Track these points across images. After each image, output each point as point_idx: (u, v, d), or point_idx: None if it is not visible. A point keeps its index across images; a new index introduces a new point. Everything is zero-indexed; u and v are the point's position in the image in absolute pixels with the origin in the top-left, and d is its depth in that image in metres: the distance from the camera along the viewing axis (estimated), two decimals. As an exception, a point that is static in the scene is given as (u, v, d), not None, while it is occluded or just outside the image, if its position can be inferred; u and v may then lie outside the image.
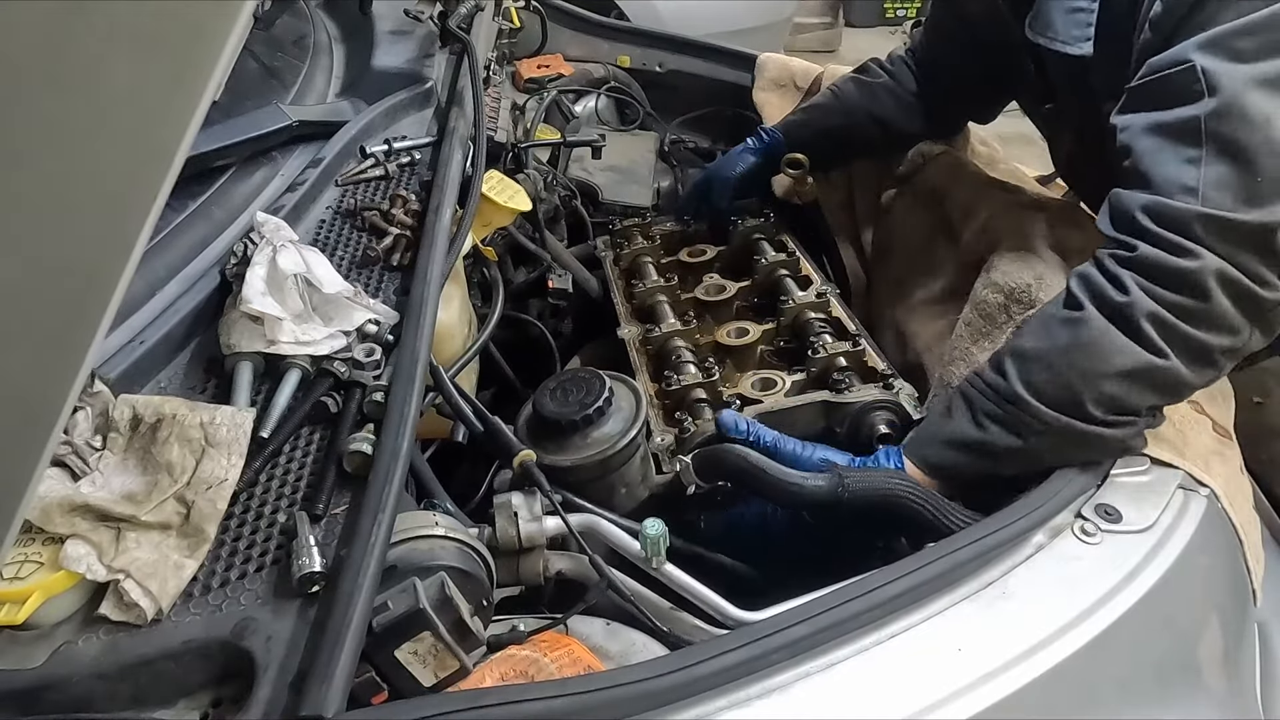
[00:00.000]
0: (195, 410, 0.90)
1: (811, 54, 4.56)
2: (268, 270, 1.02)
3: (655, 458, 1.19)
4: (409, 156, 1.41)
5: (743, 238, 1.65)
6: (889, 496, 1.03)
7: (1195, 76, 0.97)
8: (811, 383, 1.31)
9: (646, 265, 1.63)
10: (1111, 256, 1.01)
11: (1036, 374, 1.00)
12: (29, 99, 0.53)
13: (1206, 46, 0.97)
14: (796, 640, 0.82)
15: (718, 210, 1.71)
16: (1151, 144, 1.01)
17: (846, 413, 1.23)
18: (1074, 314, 1.00)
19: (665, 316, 1.46)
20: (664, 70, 2.24)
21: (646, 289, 1.53)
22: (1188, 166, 0.97)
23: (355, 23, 1.81)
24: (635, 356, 1.41)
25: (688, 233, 1.75)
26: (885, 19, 6.34)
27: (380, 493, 0.84)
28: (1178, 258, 0.95)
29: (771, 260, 1.55)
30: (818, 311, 1.42)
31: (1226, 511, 1.11)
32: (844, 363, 1.30)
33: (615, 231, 1.76)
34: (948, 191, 1.59)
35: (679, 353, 1.37)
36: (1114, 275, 0.99)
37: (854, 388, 1.25)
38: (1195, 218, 0.95)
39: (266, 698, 0.71)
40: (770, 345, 1.43)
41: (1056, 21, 1.19)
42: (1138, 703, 0.92)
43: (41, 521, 0.79)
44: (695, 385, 1.27)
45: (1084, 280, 1.02)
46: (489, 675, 0.83)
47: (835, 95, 1.70)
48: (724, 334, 1.43)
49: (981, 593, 0.91)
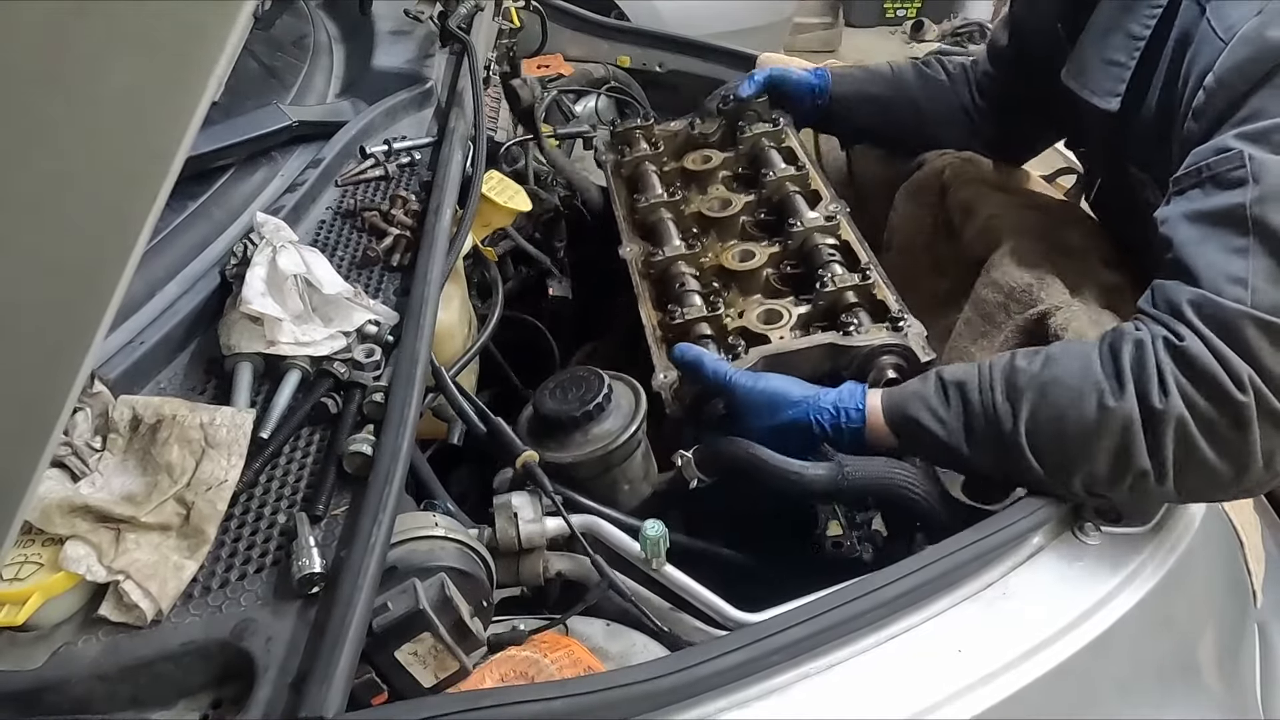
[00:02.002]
0: (195, 411, 0.90)
1: (811, 54, 4.55)
2: (268, 271, 1.02)
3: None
4: (409, 157, 1.40)
5: (750, 144, 1.57)
6: (888, 486, 1.03)
7: (1239, 162, 0.93)
8: (818, 315, 1.24)
9: (650, 175, 1.54)
10: (1164, 341, 0.93)
11: (1044, 431, 0.95)
12: (29, 99, 0.53)
13: (1251, 137, 0.95)
14: (796, 641, 0.82)
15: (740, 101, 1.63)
16: (1194, 233, 0.96)
17: (854, 356, 1.17)
18: (1110, 400, 0.92)
19: (669, 237, 1.38)
20: (664, 70, 2.24)
21: (649, 204, 1.45)
22: (1234, 256, 0.92)
23: (355, 23, 1.81)
24: (637, 281, 1.35)
25: (693, 135, 1.65)
26: (885, 19, 6.33)
27: (380, 493, 0.84)
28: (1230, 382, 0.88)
29: (780, 174, 1.46)
30: (827, 235, 1.34)
31: (1227, 512, 1.11)
32: (853, 298, 1.23)
33: (617, 134, 1.67)
34: (949, 190, 1.59)
35: (683, 280, 1.30)
36: (1161, 369, 0.91)
37: (862, 327, 1.19)
38: (1248, 320, 0.89)
39: (266, 698, 0.71)
40: (776, 269, 1.35)
41: (1090, 69, 1.18)
42: (1138, 703, 0.92)
43: (41, 522, 0.78)
44: (700, 319, 1.22)
45: (1138, 355, 0.93)
46: (489, 676, 0.83)
47: (891, 70, 1.67)
48: (729, 257, 1.36)
49: (982, 593, 0.91)
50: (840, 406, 1.06)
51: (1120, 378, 0.93)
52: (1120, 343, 0.95)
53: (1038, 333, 1.24)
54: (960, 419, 1.00)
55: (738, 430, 1.10)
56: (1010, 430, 0.96)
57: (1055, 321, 1.22)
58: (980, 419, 0.98)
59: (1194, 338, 0.91)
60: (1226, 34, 1.00)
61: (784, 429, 1.08)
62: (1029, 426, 0.95)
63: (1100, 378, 0.94)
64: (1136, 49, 1.14)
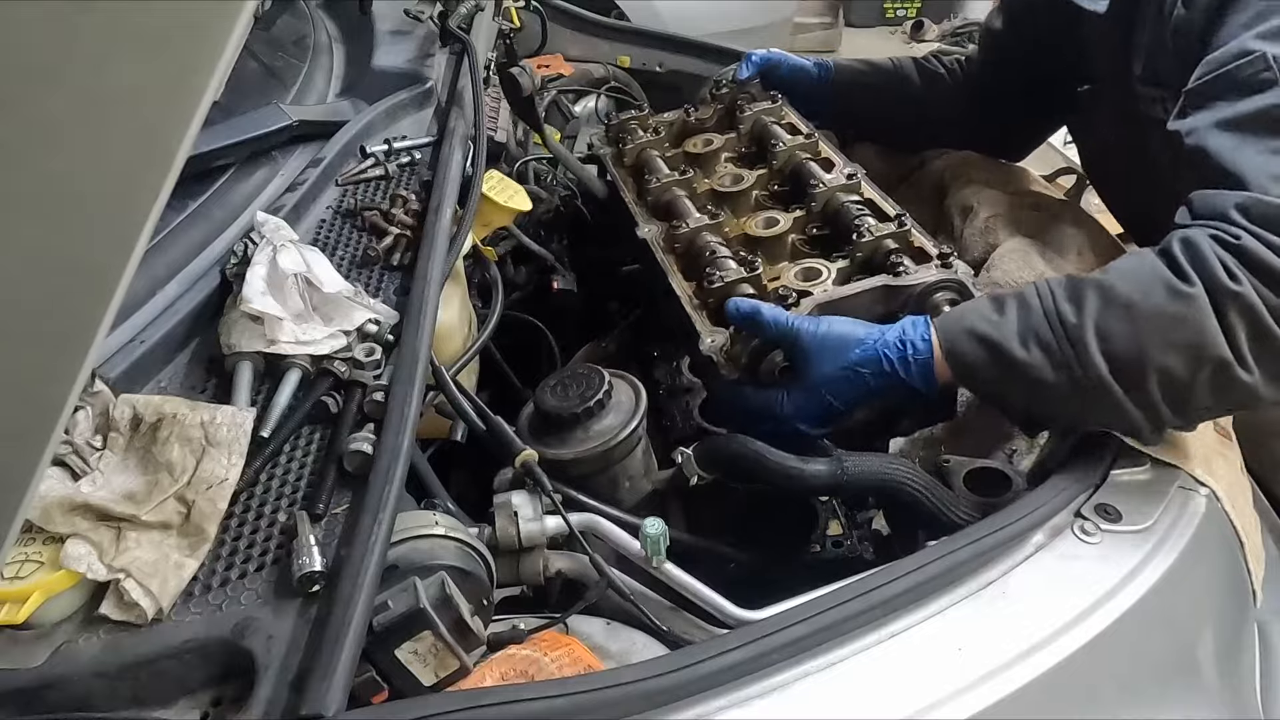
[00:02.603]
0: (195, 410, 0.90)
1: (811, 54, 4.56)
2: (268, 270, 1.03)
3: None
4: (409, 156, 1.41)
5: (751, 122, 1.55)
6: (888, 481, 1.02)
7: (1264, 65, 0.93)
8: (857, 268, 1.22)
9: (655, 159, 1.52)
10: (1213, 238, 0.92)
11: (1115, 322, 0.92)
12: (30, 98, 0.53)
13: (1268, 36, 0.94)
14: (797, 640, 0.82)
15: (739, 84, 1.63)
16: (1228, 140, 0.96)
17: (908, 295, 1.15)
18: (1182, 286, 0.91)
19: (688, 212, 1.36)
20: (664, 70, 2.25)
21: (661, 184, 1.42)
22: (1275, 157, 0.92)
23: (355, 23, 1.81)
24: (661, 257, 1.32)
25: (690, 123, 1.64)
26: (885, 19, 6.34)
27: (380, 492, 0.84)
28: None
29: (790, 144, 1.44)
30: (850, 194, 1.32)
31: (1227, 512, 1.11)
32: (892, 244, 1.21)
33: (612, 127, 1.65)
34: (948, 189, 1.59)
35: (712, 248, 1.27)
36: (1223, 261, 0.90)
37: (911, 269, 1.17)
38: None
39: (267, 697, 0.72)
40: (801, 234, 1.33)
41: None
42: (1137, 703, 0.92)
43: (42, 521, 0.79)
44: (740, 280, 1.18)
45: (1192, 252, 0.92)
46: (489, 675, 0.83)
47: (894, 64, 1.67)
48: (752, 225, 1.33)
49: (981, 592, 0.91)
50: (905, 339, 1.03)
51: (1182, 270, 0.92)
52: (1170, 245, 0.94)
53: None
54: (1016, 324, 0.98)
55: (801, 379, 1.07)
56: (1075, 324, 0.94)
57: (1055, 321, 1.22)
58: (1041, 320, 0.96)
59: (1249, 237, 0.90)
60: None
61: (853, 369, 1.05)
62: (1099, 320, 0.93)
63: (1164, 271, 0.93)
64: None
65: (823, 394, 1.06)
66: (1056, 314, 0.96)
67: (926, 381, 1.03)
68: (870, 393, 1.05)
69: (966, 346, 1.00)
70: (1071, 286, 0.97)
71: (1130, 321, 0.92)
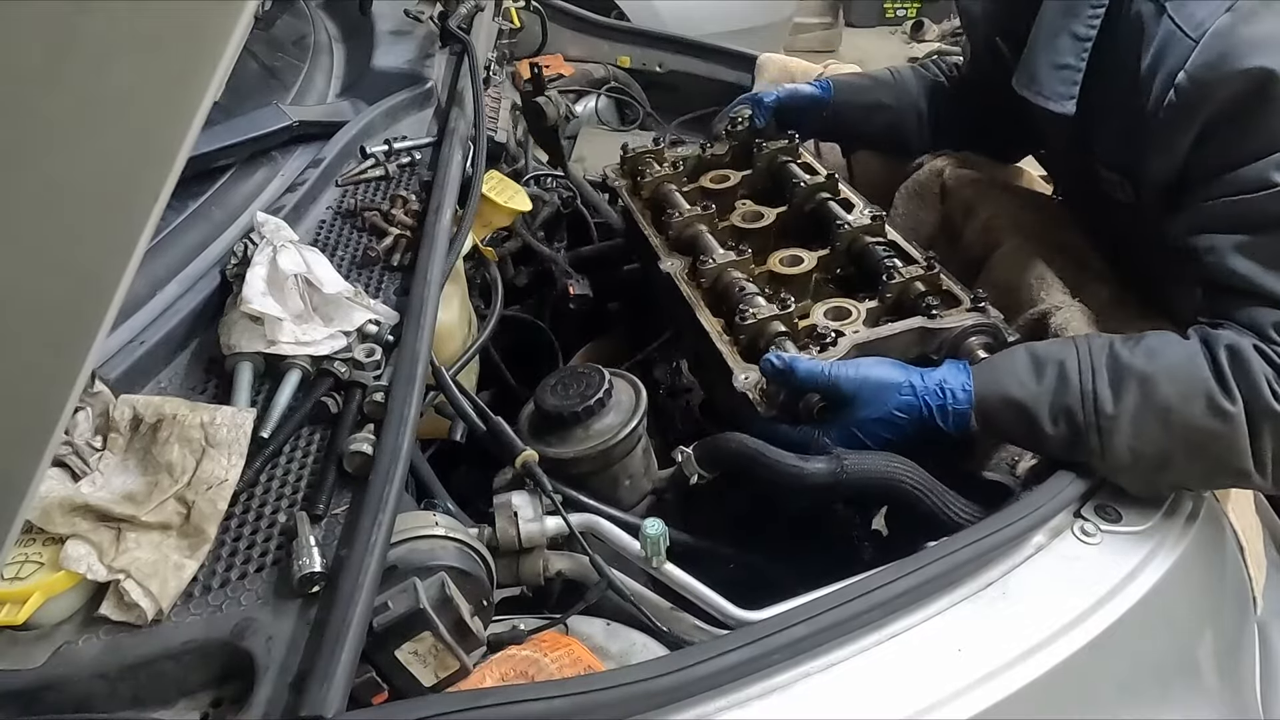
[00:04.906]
0: (195, 410, 0.90)
1: (811, 54, 4.55)
2: (268, 270, 1.03)
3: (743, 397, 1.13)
4: (409, 156, 1.41)
5: (768, 160, 1.55)
6: (888, 480, 1.03)
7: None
8: (887, 309, 1.23)
9: (674, 194, 1.51)
10: (1258, 350, 0.96)
11: (1150, 426, 0.96)
12: (31, 99, 0.53)
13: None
14: (797, 640, 0.82)
15: (755, 130, 1.62)
16: (1254, 268, 0.99)
17: (944, 338, 1.16)
18: (1224, 404, 0.94)
19: (713, 247, 1.34)
20: (664, 70, 2.25)
21: (684, 219, 1.41)
22: None
23: (355, 23, 1.81)
24: (687, 290, 1.31)
25: (705, 159, 1.63)
26: (885, 19, 6.34)
27: (380, 493, 0.84)
28: None
29: (811, 184, 1.45)
30: (874, 235, 1.33)
31: (1227, 515, 1.11)
32: (922, 286, 1.22)
33: (628, 159, 1.63)
34: (949, 190, 1.59)
35: (740, 285, 1.26)
36: (1268, 378, 0.94)
37: (945, 313, 1.18)
38: None
39: (267, 698, 0.72)
40: (825, 273, 1.34)
41: (1041, 76, 1.17)
42: (1137, 703, 0.92)
43: (42, 522, 0.79)
44: (772, 318, 1.18)
45: (1238, 364, 0.96)
46: (489, 675, 0.83)
47: (892, 75, 1.67)
48: (777, 262, 1.33)
49: (981, 593, 0.91)
50: (946, 387, 1.05)
51: (1226, 384, 0.95)
52: (1216, 349, 0.97)
53: (1038, 332, 1.24)
54: (1050, 395, 1.01)
55: (839, 421, 1.08)
56: (1111, 415, 0.97)
57: (1055, 321, 1.22)
58: (1077, 400, 0.99)
59: None
60: (1196, 31, 1.00)
61: (891, 414, 1.06)
62: (1134, 418, 0.96)
63: (1209, 380, 0.96)
64: (1085, 50, 1.13)
65: (859, 435, 1.08)
66: (1094, 398, 0.98)
67: (960, 428, 1.06)
68: (904, 435, 1.07)
69: (998, 408, 1.03)
70: (1114, 369, 0.99)
71: (1165, 428, 0.95)
